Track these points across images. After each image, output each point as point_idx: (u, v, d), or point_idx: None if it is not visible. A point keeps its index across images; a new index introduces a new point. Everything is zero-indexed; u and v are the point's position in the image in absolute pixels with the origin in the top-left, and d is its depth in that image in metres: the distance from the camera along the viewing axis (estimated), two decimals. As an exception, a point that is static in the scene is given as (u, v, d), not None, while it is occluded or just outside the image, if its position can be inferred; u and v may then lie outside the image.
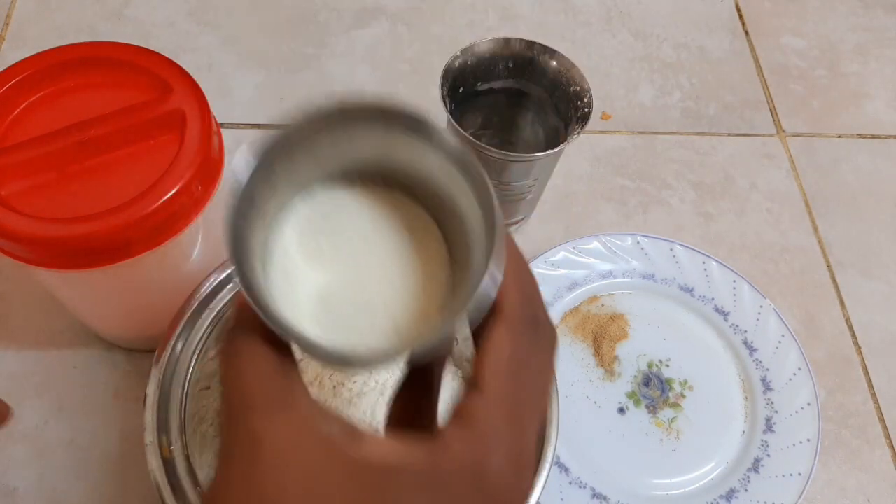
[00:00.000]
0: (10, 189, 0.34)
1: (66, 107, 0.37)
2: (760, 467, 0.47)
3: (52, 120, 0.36)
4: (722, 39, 0.69)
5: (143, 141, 0.36)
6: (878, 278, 0.57)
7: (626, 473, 0.46)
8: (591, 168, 0.60)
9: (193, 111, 0.36)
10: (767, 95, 0.66)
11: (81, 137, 0.35)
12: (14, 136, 0.36)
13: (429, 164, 0.23)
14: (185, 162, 0.35)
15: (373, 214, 0.25)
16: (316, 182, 0.25)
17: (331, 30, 0.65)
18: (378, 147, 0.23)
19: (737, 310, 0.52)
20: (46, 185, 0.34)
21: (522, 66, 0.48)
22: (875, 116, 0.65)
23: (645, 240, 0.54)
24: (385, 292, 0.24)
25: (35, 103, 0.37)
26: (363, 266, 0.24)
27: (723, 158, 0.61)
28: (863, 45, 0.70)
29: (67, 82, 0.38)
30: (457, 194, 0.23)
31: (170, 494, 0.35)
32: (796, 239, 0.58)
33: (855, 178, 0.62)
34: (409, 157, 0.23)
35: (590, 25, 0.68)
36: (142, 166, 0.35)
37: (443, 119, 0.47)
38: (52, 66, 0.37)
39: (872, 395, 0.51)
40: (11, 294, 0.50)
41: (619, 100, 0.64)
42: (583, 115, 0.45)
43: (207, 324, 0.39)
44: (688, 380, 0.50)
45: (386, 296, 0.24)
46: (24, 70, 0.37)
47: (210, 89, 0.38)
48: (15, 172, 0.34)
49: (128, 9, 0.64)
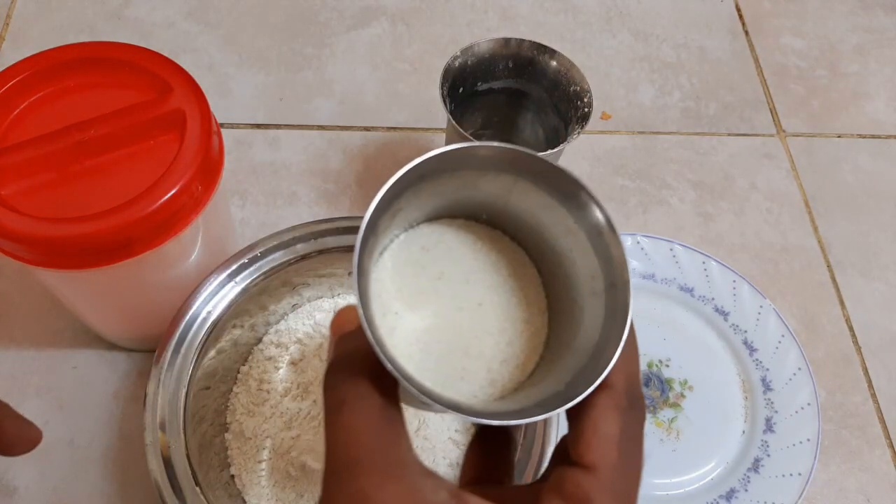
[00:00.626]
0: (10, 189, 0.34)
1: (66, 107, 0.37)
2: (760, 467, 0.47)
3: (52, 120, 0.36)
4: (722, 39, 0.69)
5: (143, 141, 0.36)
6: (877, 278, 0.57)
7: (626, 473, 0.46)
8: (591, 168, 0.60)
9: (193, 111, 0.36)
10: (767, 95, 0.66)
11: (81, 137, 0.35)
12: (14, 137, 0.36)
13: (554, 220, 0.22)
14: (185, 162, 0.35)
15: (473, 250, 0.25)
16: (423, 219, 0.24)
17: (331, 30, 0.65)
18: (501, 195, 0.23)
19: (737, 310, 0.52)
20: (46, 185, 0.34)
21: (522, 65, 0.48)
22: (875, 116, 0.65)
23: (645, 240, 0.54)
24: (482, 338, 0.23)
25: (35, 103, 0.37)
26: (462, 306, 0.23)
27: (723, 158, 0.61)
28: (863, 46, 0.70)
29: (67, 82, 0.38)
30: (574, 252, 0.22)
31: (170, 494, 0.35)
32: (796, 239, 0.58)
33: (855, 178, 0.62)
34: (534, 210, 0.23)
35: (590, 25, 0.68)
36: (142, 166, 0.35)
37: (443, 119, 0.47)
38: (52, 66, 0.37)
39: (872, 394, 0.51)
40: (11, 294, 0.50)
41: (618, 100, 0.64)
42: (583, 115, 0.45)
43: (208, 324, 0.39)
44: (688, 380, 0.50)
45: (483, 342, 0.23)
46: (24, 70, 0.37)
47: (210, 89, 0.38)
48: (15, 172, 0.34)
49: (128, 9, 0.64)
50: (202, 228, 0.39)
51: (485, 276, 0.24)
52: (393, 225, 0.23)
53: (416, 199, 0.22)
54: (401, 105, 0.61)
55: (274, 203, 0.55)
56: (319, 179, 0.56)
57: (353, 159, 0.58)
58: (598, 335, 0.21)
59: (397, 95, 0.62)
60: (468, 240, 0.25)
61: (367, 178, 0.57)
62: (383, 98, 0.61)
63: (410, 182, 0.21)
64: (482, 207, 0.24)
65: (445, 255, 0.24)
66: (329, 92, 0.61)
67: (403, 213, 0.22)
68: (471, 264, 0.24)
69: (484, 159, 0.21)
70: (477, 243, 0.25)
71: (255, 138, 0.58)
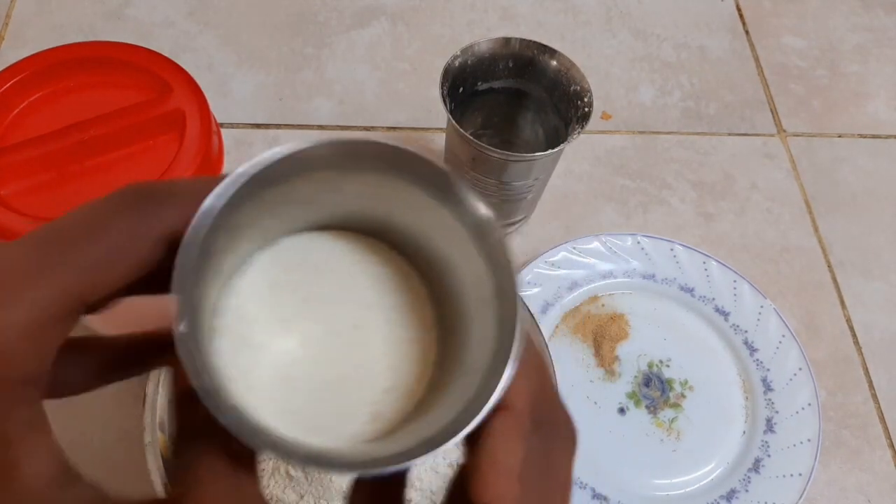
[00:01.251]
0: (9, 189, 0.34)
1: (66, 106, 0.37)
2: (761, 468, 0.47)
3: (51, 120, 0.36)
4: (722, 39, 0.69)
5: (143, 140, 0.36)
6: (878, 278, 0.56)
7: (626, 474, 0.46)
8: (592, 168, 0.60)
9: (193, 111, 0.36)
10: (768, 95, 0.65)
11: (81, 137, 0.35)
12: (14, 136, 0.36)
13: (433, 221, 0.19)
14: (185, 161, 0.35)
15: (346, 264, 0.21)
16: (283, 233, 0.20)
17: (331, 29, 0.65)
18: (370, 197, 0.20)
19: (737, 310, 0.52)
20: (46, 184, 0.34)
21: (522, 65, 0.48)
22: (875, 116, 0.65)
23: (645, 240, 0.54)
24: (361, 365, 0.20)
25: (35, 103, 0.37)
26: (335, 331, 0.20)
27: (723, 158, 0.61)
28: (863, 45, 0.70)
29: (67, 82, 0.38)
30: (457, 256, 0.19)
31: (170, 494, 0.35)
32: (797, 239, 0.58)
33: (855, 178, 0.62)
34: (409, 211, 0.20)
35: (590, 25, 0.68)
36: (141, 166, 0.35)
37: (443, 118, 0.47)
38: (51, 65, 0.37)
39: (873, 395, 0.51)
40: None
41: (619, 99, 0.64)
42: (583, 114, 0.45)
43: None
44: (688, 380, 0.50)
45: (363, 370, 0.20)
46: (23, 70, 0.37)
47: (210, 89, 0.38)
48: (15, 172, 0.34)
49: (127, 8, 0.64)
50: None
51: (361, 293, 0.20)
52: (237, 244, 0.18)
53: (265, 211, 0.18)
54: (401, 105, 0.61)
55: (274, 203, 0.55)
56: (319, 179, 0.56)
57: (353, 159, 0.58)
58: (490, 350, 0.18)
59: (397, 95, 0.62)
60: (340, 253, 0.21)
61: (367, 178, 0.57)
62: (383, 98, 0.61)
63: (247, 193, 0.17)
64: (353, 215, 0.21)
65: (312, 272, 0.20)
66: (329, 92, 0.61)
67: (251, 228, 0.19)
68: (344, 281, 0.20)
69: (327, 159, 0.18)
70: (350, 256, 0.21)
71: (255, 138, 0.58)
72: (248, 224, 0.18)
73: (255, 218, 0.18)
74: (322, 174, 0.18)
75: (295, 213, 0.20)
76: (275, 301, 0.20)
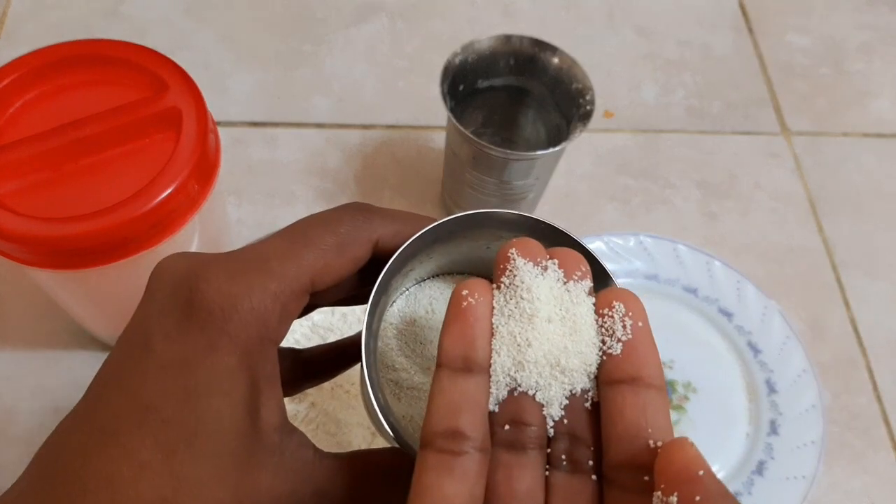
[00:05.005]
0: (4, 188, 0.33)
1: (62, 105, 0.36)
2: (764, 470, 0.46)
3: (47, 118, 0.35)
4: (726, 37, 0.68)
5: (139, 139, 0.35)
6: (883, 279, 0.56)
7: (628, 476, 0.46)
8: (594, 167, 0.59)
9: (189, 109, 0.36)
10: (772, 93, 0.65)
11: (77, 136, 0.34)
12: (9, 135, 0.35)
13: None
14: (182, 160, 0.34)
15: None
16: (432, 274, 0.25)
17: (329, 26, 0.64)
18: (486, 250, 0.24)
19: (741, 311, 0.51)
20: (41, 184, 0.34)
21: (524, 63, 0.47)
22: (880, 115, 0.65)
23: (648, 240, 0.53)
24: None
25: (30, 102, 0.37)
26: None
27: (727, 157, 0.61)
28: (868, 43, 0.69)
29: (62, 80, 0.37)
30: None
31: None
32: (801, 239, 0.57)
33: (860, 177, 0.61)
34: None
35: (592, 22, 0.67)
36: (137, 165, 0.35)
37: (443, 117, 0.46)
38: (47, 64, 0.37)
39: (877, 396, 0.51)
40: (6, 295, 0.49)
41: (621, 98, 0.63)
42: (585, 113, 0.45)
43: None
44: (691, 382, 0.49)
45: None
46: (18, 68, 0.36)
47: (206, 87, 0.37)
48: (9, 172, 0.33)
49: (123, 6, 0.63)
50: (198, 228, 0.38)
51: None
52: (404, 283, 0.24)
53: (429, 261, 0.23)
54: (400, 103, 0.60)
55: (271, 202, 0.54)
56: (317, 178, 0.56)
57: (352, 158, 0.57)
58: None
59: (396, 93, 0.61)
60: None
61: (365, 177, 0.56)
62: (382, 95, 0.61)
63: (425, 244, 0.21)
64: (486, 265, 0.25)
65: (443, 304, 0.25)
66: (327, 89, 0.61)
67: (415, 273, 0.23)
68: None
69: (500, 223, 0.22)
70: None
71: (252, 136, 0.57)
72: (414, 270, 0.23)
73: (420, 265, 0.23)
74: (479, 234, 0.23)
75: (448, 260, 0.24)
76: (418, 334, 0.24)
